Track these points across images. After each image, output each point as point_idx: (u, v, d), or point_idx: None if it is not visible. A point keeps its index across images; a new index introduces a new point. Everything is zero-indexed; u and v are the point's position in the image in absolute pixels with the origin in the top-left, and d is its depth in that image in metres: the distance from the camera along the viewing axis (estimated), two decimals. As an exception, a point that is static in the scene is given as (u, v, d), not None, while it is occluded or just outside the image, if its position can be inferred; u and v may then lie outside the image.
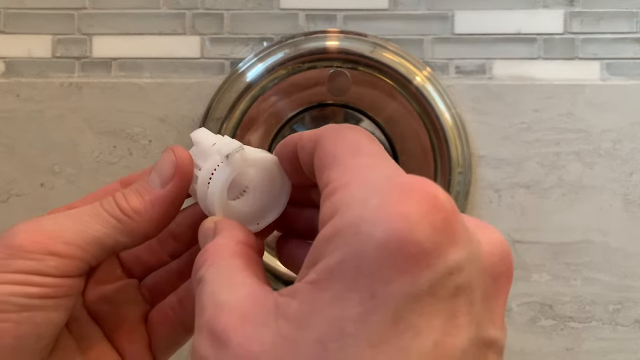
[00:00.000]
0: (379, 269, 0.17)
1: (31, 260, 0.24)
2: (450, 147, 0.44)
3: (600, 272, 0.47)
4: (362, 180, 0.19)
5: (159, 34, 0.46)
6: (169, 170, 0.27)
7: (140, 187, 0.27)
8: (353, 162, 0.20)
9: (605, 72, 0.46)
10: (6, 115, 0.46)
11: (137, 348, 0.30)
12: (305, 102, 0.45)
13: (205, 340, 0.20)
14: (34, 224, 0.25)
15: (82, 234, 0.25)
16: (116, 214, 0.26)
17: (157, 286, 0.32)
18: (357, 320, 0.17)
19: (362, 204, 0.18)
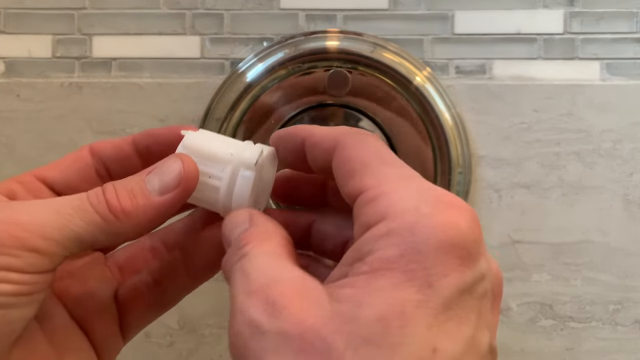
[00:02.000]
0: (435, 265, 0.20)
1: (7, 256, 0.23)
2: (450, 147, 0.45)
3: (600, 272, 0.47)
4: (404, 190, 0.22)
5: (159, 34, 0.46)
6: (173, 181, 0.25)
7: (136, 187, 0.25)
8: (386, 171, 0.23)
9: (605, 72, 0.46)
10: (6, 115, 0.46)
11: (107, 328, 0.29)
12: (305, 102, 0.45)
13: (258, 305, 0.21)
14: (10, 214, 0.24)
15: (63, 229, 0.24)
16: (103, 212, 0.24)
17: (127, 262, 0.30)
18: (417, 305, 0.19)
19: (414, 211, 0.21)
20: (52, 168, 0.28)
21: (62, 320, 0.27)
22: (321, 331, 0.19)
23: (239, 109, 0.45)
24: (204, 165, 0.26)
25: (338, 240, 0.27)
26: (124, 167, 0.29)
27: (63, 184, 0.28)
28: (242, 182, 0.26)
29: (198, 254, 0.30)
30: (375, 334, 0.19)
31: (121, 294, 0.30)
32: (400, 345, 0.19)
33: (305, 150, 0.26)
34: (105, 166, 0.29)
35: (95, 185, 0.28)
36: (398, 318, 0.19)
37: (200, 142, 0.27)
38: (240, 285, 0.22)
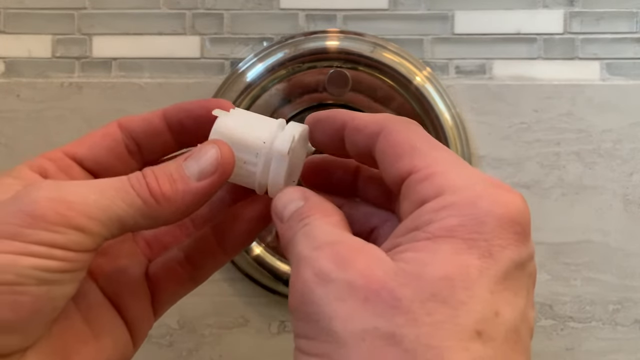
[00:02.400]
0: (495, 237, 0.21)
1: (53, 233, 0.23)
2: (450, 147, 0.44)
3: (600, 272, 0.47)
4: (458, 170, 0.23)
5: (159, 34, 0.46)
6: (211, 167, 0.26)
7: (175, 173, 0.26)
8: (437, 154, 0.24)
9: (605, 72, 0.46)
10: (6, 116, 0.46)
11: (139, 305, 0.29)
12: (305, 102, 0.45)
13: (325, 257, 0.22)
14: (57, 191, 0.24)
15: (106, 210, 0.24)
16: (145, 196, 0.25)
17: (155, 237, 0.30)
18: (479, 270, 0.20)
19: (472, 188, 0.22)
20: (81, 144, 0.29)
21: (95, 298, 0.28)
22: (388, 284, 0.20)
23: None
24: (238, 150, 0.27)
25: (365, 228, 0.28)
26: (154, 142, 0.29)
27: (93, 160, 0.29)
28: (276, 167, 0.27)
29: (231, 229, 0.30)
30: (441, 291, 0.20)
31: (153, 271, 0.30)
32: (466, 304, 0.20)
33: (345, 134, 0.27)
34: (135, 141, 0.29)
35: (125, 161, 0.29)
36: (463, 279, 0.20)
37: (233, 127, 0.27)
38: (306, 244, 0.23)
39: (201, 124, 0.28)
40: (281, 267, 0.45)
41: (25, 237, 0.23)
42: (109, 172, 0.29)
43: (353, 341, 0.20)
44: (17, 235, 0.23)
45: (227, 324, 0.47)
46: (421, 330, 0.19)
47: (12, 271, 0.23)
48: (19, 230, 0.23)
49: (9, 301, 0.23)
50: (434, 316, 0.20)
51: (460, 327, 0.20)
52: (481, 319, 0.20)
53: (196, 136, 0.29)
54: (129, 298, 0.29)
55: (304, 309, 0.22)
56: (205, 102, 0.29)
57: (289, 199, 0.26)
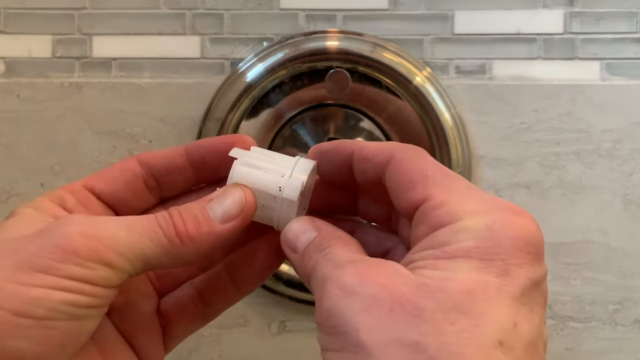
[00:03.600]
0: (511, 256, 0.22)
1: (84, 268, 0.23)
2: (450, 147, 0.45)
3: (600, 272, 0.47)
4: (472, 197, 0.24)
5: (159, 34, 0.46)
6: (235, 210, 0.27)
7: (200, 215, 0.26)
8: (450, 182, 0.25)
9: (605, 72, 0.46)
10: (6, 116, 0.46)
11: (151, 341, 0.29)
12: (305, 102, 0.45)
13: (349, 273, 0.23)
14: (89, 227, 0.24)
15: (134, 248, 0.24)
16: (170, 235, 0.25)
17: (167, 271, 0.30)
18: (497, 286, 0.21)
19: (488, 214, 0.23)
20: (100, 178, 0.29)
21: (110, 333, 0.28)
22: (410, 296, 0.21)
23: (239, 109, 0.45)
24: (257, 194, 0.28)
25: (379, 250, 0.28)
26: (174, 179, 0.30)
27: (111, 194, 0.29)
28: (286, 211, 0.28)
29: (245, 267, 0.30)
30: (463, 303, 0.21)
31: (164, 307, 0.30)
32: (486, 316, 0.21)
33: (354, 163, 0.28)
34: (155, 177, 0.29)
35: (143, 196, 0.29)
36: (482, 293, 0.21)
37: (251, 172, 0.28)
38: (329, 265, 0.24)
39: (223, 160, 0.29)
40: (281, 267, 0.46)
41: (57, 272, 0.23)
42: (126, 206, 0.29)
43: (380, 350, 0.21)
44: (50, 269, 0.23)
45: (227, 324, 0.47)
46: (445, 338, 0.20)
47: (44, 305, 0.23)
48: (51, 264, 0.23)
49: (39, 335, 0.23)
50: (456, 325, 0.20)
51: (482, 337, 0.20)
52: (501, 330, 0.21)
53: (217, 172, 0.29)
54: (141, 334, 0.29)
55: (330, 322, 0.22)
56: (227, 138, 0.30)
57: (300, 229, 0.27)
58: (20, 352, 0.23)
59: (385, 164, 0.26)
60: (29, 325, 0.23)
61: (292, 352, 0.47)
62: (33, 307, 0.23)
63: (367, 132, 0.46)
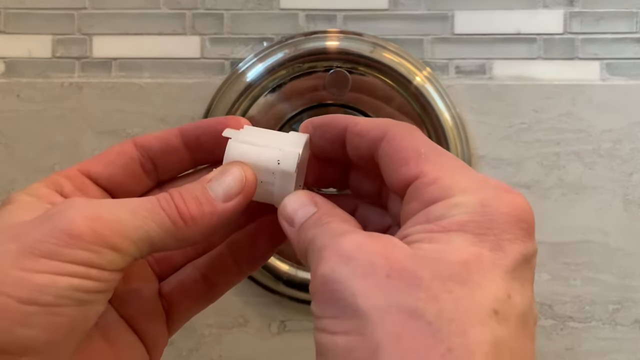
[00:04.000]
0: (504, 232, 0.22)
1: (90, 252, 0.23)
2: (450, 147, 0.45)
3: (600, 272, 0.47)
4: (465, 175, 0.24)
5: (159, 34, 0.46)
6: (236, 188, 0.27)
7: (201, 195, 0.26)
8: (443, 160, 0.25)
9: (605, 72, 0.46)
10: (6, 116, 0.46)
11: (154, 325, 0.29)
12: (305, 102, 0.45)
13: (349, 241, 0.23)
14: (92, 210, 0.24)
15: (139, 230, 0.24)
16: (174, 217, 0.25)
17: (165, 254, 0.30)
18: (491, 260, 0.22)
19: (481, 190, 0.23)
20: (96, 162, 0.29)
21: (112, 318, 0.28)
22: (408, 265, 0.21)
23: (239, 109, 0.45)
24: (255, 171, 0.28)
25: (379, 227, 0.28)
26: (170, 160, 0.30)
27: (108, 178, 0.29)
28: (284, 185, 0.28)
29: (248, 247, 0.30)
30: (459, 273, 0.21)
31: (167, 289, 0.30)
32: (482, 286, 0.21)
33: (347, 139, 0.27)
34: (151, 160, 0.29)
35: (140, 180, 0.29)
36: (477, 265, 0.21)
37: (245, 151, 0.28)
38: (328, 235, 0.24)
39: (218, 141, 0.29)
40: (281, 267, 0.46)
41: (63, 257, 0.23)
42: (123, 190, 0.29)
43: (377, 315, 0.21)
44: (55, 254, 0.23)
45: (227, 323, 0.47)
46: (442, 305, 0.21)
47: (50, 292, 0.22)
48: (56, 249, 0.23)
49: (47, 323, 0.23)
50: (453, 294, 0.21)
51: (478, 305, 0.21)
52: (496, 300, 0.21)
53: (213, 153, 0.29)
54: (143, 318, 0.29)
55: (327, 288, 0.22)
56: (222, 119, 0.30)
57: (299, 203, 0.27)
58: (28, 340, 0.22)
59: (379, 141, 0.26)
60: (36, 312, 0.22)
61: (292, 352, 0.47)
62: (40, 294, 0.22)
63: (367, 132, 0.46)
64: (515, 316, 0.21)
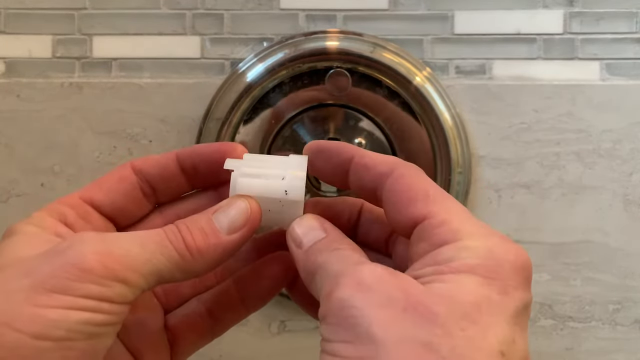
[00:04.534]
0: (510, 278, 0.23)
1: (100, 286, 0.23)
2: (450, 147, 0.45)
3: (600, 272, 0.47)
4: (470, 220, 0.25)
5: (159, 34, 0.46)
6: (241, 221, 0.27)
7: (207, 227, 0.26)
8: (450, 204, 0.25)
9: (605, 73, 0.46)
10: (6, 116, 0.46)
11: (159, 357, 0.29)
12: (305, 102, 0.45)
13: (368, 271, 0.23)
14: (103, 245, 0.24)
15: (147, 263, 0.25)
16: (181, 250, 0.26)
17: (173, 286, 0.31)
18: (498, 303, 0.23)
19: (488, 237, 0.24)
20: (97, 189, 0.29)
21: (118, 350, 0.28)
22: (424, 300, 0.22)
23: (239, 109, 0.45)
24: (262, 202, 0.28)
25: (381, 233, 0.30)
26: (169, 185, 0.30)
27: (110, 205, 0.29)
28: (295, 208, 0.28)
29: (254, 284, 0.31)
30: (471, 313, 0.22)
31: (172, 322, 0.30)
32: (491, 326, 0.22)
33: (352, 168, 0.28)
34: (150, 184, 0.30)
35: (141, 204, 0.30)
36: (487, 307, 0.22)
37: (251, 184, 0.28)
38: (345, 262, 0.25)
39: (215, 168, 0.29)
40: (281, 267, 0.46)
41: (74, 291, 0.23)
42: (125, 215, 0.30)
43: (393, 345, 0.21)
44: (67, 289, 0.23)
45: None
46: (456, 342, 0.21)
47: (62, 327, 0.23)
48: (68, 283, 0.23)
49: (59, 357, 0.23)
50: (466, 332, 0.22)
51: (488, 345, 0.22)
52: (504, 342, 0.22)
53: (209, 178, 0.30)
54: (149, 351, 0.29)
55: (343, 313, 0.23)
56: (219, 147, 0.30)
57: (308, 227, 0.27)
58: None
59: (385, 176, 0.27)
60: (48, 348, 0.23)
61: (292, 352, 0.47)
62: (52, 329, 0.23)
63: (367, 132, 0.46)
64: (519, 358, 0.22)
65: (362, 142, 0.45)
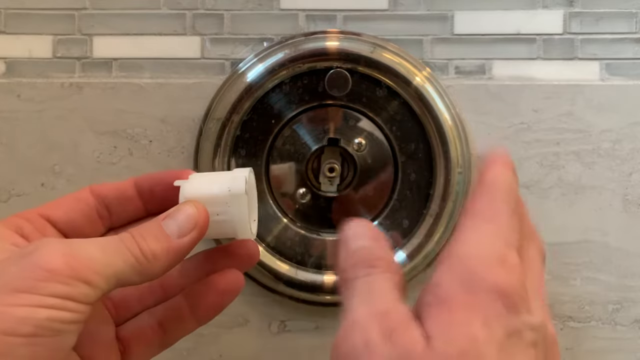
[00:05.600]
0: (488, 307, 0.23)
1: (66, 285, 0.25)
2: (450, 147, 0.45)
3: (600, 272, 0.47)
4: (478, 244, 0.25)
5: (160, 34, 0.46)
6: (189, 225, 0.29)
7: (158, 233, 0.28)
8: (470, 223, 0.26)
9: (604, 73, 0.46)
10: (7, 116, 0.46)
11: None
12: (305, 103, 0.45)
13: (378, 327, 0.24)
14: (67, 248, 0.26)
15: (107, 267, 0.26)
16: (137, 255, 0.27)
17: (124, 300, 0.32)
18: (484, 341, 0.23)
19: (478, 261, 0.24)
20: (55, 208, 0.31)
21: (72, 357, 0.29)
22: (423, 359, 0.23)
23: (240, 109, 0.45)
24: (209, 205, 0.30)
25: None
26: (125, 208, 0.32)
27: (66, 222, 0.31)
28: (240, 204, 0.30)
29: (204, 299, 0.32)
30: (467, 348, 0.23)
31: (123, 334, 0.32)
32: None
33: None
34: (107, 207, 0.32)
35: (95, 225, 0.31)
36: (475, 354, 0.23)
37: (198, 187, 0.30)
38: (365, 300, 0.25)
39: (170, 191, 0.31)
40: (281, 267, 0.46)
41: (41, 290, 0.25)
42: (79, 233, 0.31)
43: None
44: (34, 288, 0.25)
45: (227, 323, 0.47)
46: None
47: (30, 323, 0.24)
48: (35, 283, 0.25)
49: (29, 353, 0.24)
50: None
51: None
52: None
53: (165, 203, 0.31)
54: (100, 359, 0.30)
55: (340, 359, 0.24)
56: (173, 173, 0.32)
57: (361, 232, 0.28)
58: None
59: None
60: (18, 343, 0.24)
61: (292, 351, 0.47)
62: (21, 326, 0.24)
63: (367, 132, 0.46)
64: None
65: (362, 142, 0.46)
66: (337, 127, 0.46)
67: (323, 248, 0.46)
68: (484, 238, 0.25)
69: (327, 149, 0.46)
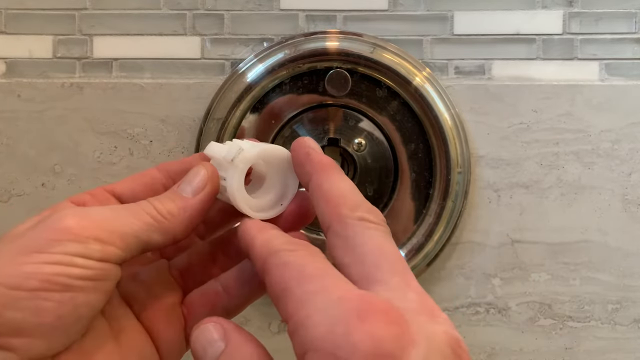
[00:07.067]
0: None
1: (77, 243, 0.26)
2: (450, 147, 0.45)
3: (599, 272, 0.47)
4: (318, 311, 0.23)
5: (160, 34, 0.47)
6: (201, 182, 0.30)
7: (172, 195, 0.30)
8: (301, 291, 0.24)
9: (604, 73, 0.46)
10: (7, 116, 0.46)
11: (173, 331, 0.31)
12: (305, 103, 0.45)
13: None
14: (80, 211, 0.27)
15: (123, 226, 0.27)
16: (153, 214, 0.28)
17: (189, 268, 0.33)
18: None
19: (331, 337, 0.22)
20: (121, 182, 0.32)
21: (128, 322, 0.30)
22: None
23: (240, 109, 0.45)
24: (218, 169, 0.31)
25: None
26: None
27: (130, 195, 0.32)
28: (230, 177, 0.30)
29: None
30: None
31: (189, 300, 0.32)
32: None
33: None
34: (173, 180, 0.32)
35: None
36: None
37: (213, 150, 0.32)
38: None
39: None
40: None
41: (50, 249, 0.25)
42: None
43: None
44: (45, 247, 0.25)
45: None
46: None
47: (36, 277, 0.25)
48: (46, 242, 0.26)
49: (33, 306, 0.25)
50: None
51: None
52: None
53: None
54: (162, 324, 0.31)
55: None
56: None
57: (207, 340, 0.26)
58: (17, 322, 0.25)
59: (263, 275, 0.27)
60: (23, 297, 0.25)
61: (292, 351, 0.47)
62: (25, 280, 0.25)
63: (367, 132, 0.46)
64: None
65: (362, 142, 0.46)
66: (337, 127, 0.46)
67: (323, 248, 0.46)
68: (330, 303, 0.24)
69: (327, 149, 0.46)
